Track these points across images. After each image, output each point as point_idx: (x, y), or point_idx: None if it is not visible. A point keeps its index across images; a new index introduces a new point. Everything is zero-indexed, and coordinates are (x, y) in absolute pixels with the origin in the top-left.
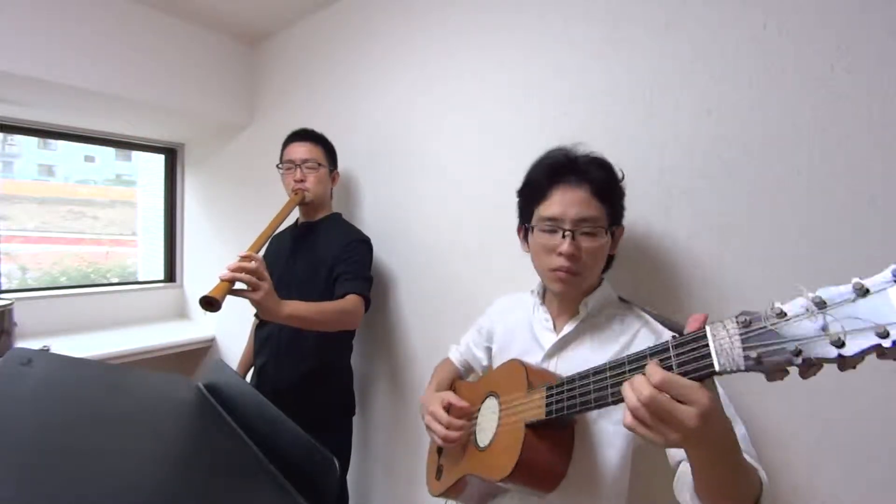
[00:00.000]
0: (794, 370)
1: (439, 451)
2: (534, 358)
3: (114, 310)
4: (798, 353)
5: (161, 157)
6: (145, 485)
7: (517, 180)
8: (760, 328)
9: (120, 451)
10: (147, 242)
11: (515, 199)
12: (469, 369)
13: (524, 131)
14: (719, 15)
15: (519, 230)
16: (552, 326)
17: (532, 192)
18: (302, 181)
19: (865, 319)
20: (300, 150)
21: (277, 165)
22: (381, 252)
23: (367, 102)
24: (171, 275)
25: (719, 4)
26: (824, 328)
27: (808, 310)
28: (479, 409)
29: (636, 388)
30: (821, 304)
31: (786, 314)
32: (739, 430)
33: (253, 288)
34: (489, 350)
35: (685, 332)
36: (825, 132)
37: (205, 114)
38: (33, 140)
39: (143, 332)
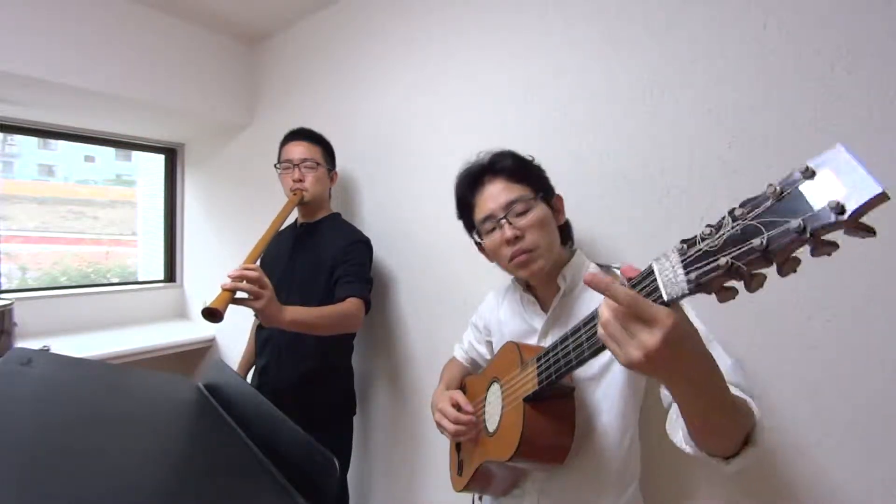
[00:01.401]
0: (738, 284)
1: (457, 447)
2: (531, 340)
3: (114, 310)
4: (730, 266)
5: (161, 157)
6: (145, 485)
7: None
8: (696, 251)
9: (120, 451)
10: (147, 242)
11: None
12: (477, 366)
13: (524, 131)
14: (719, 15)
15: (478, 247)
16: (540, 307)
17: (464, 206)
18: (300, 181)
19: (783, 217)
20: (298, 150)
21: (275, 165)
22: (381, 252)
23: (367, 102)
24: (171, 275)
25: (719, 4)
26: (750, 235)
27: (731, 221)
28: (485, 398)
29: (608, 304)
30: (742, 215)
31: (715, 232)
32: (726, 362)
33: (255, 296)
34: (490, 344)
35: (622, 277)
36: (825, 132)
37: (205, 114)
38: (33, 140)
39: (143, 332)
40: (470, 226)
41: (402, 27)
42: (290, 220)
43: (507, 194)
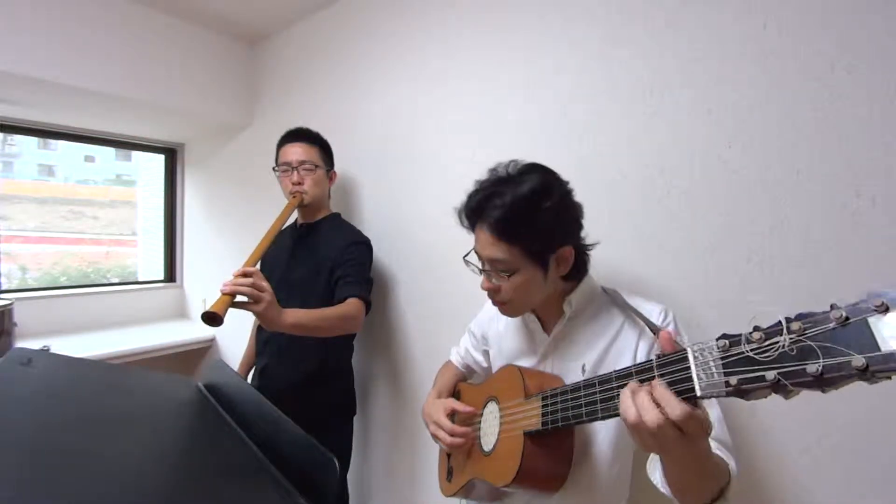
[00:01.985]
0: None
1: (448, 453)
2: (529, 360)
3: (114, 310)
4: (777, 381)
5: (161, 157)
6: (145, 485)
7: None
8: (739, 353)
9: (120, 452)
10: (147, 242)
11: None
12: (472, 371)
13: (524, 131)
14: (719, 15)
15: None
16: (541, 328)
17: (467, 226)
18: (299, 184)
19: (845, 348)
20: (296, 152)
21: (274, 168)
22: (381, 252)
23: (367, 102)
24: (171, 275)
25: (719, 4)
26: (804, 356)
27: (786, 336)
28: (481, 414)
29: (644, 409)
30: (799, 330)
31: (765, 340)
32: (714, 413)
33: (254, 300)
34: (487, 353)
35: (658, 345)
36: (825, 132)
37: (205, 114)
38: (33, 140)
39: (143, 332)
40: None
41: (402, 27)
42: (290, 221)
43: (491, 251)
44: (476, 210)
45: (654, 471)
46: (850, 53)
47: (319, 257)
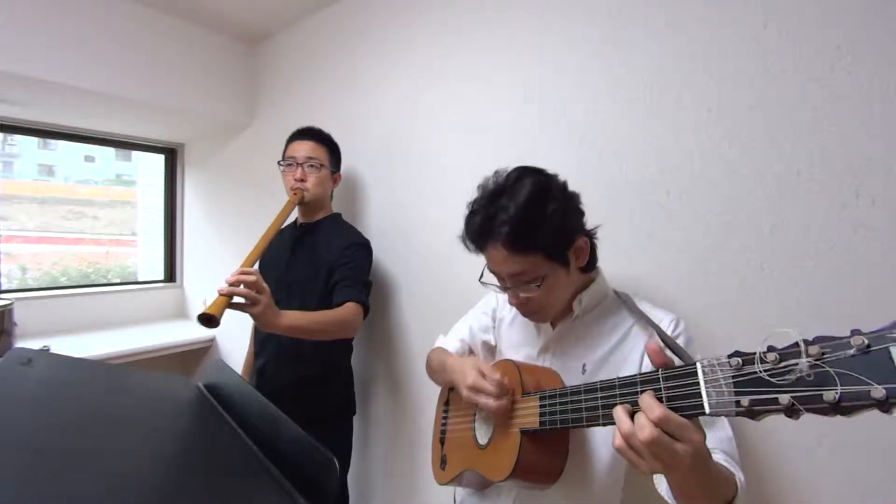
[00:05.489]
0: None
1: (441, 441)
2: (530, 350)
3: (114, 310)
4: (791, 406)
5: (161, 157)
6: (145, 485)
7: None
8: (752, 374)
9: (120, 451)
10: (147, 242)
11: None
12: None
13: (524, 131)
14: (719, 15)
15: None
16: (549, 322)
17: (473, 249)
18: (302, 180)
19: (864, 377)
20: (303, 148)
21: (279, 162)
22: (381, 252)
23: (367, 103)
24: (171, 275)
25: (719, 4)
26: (821, 382)
27: (805, 360)
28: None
29: (638, 423)
30: (817, 355)
31: (780, 361)
32: (725, 432)
33: (252, 302)
34: (495, 331)
35: (647, 355)
36: (825, 132)
37: (205, 114)
38: (33, 140)
39: (143, 332)
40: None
41: (402, 27)
42: (290, 220)
43: (509, 267)
44: (481, 232)
45: (661, 482)
46: (850, 53)
47: (318, 258)
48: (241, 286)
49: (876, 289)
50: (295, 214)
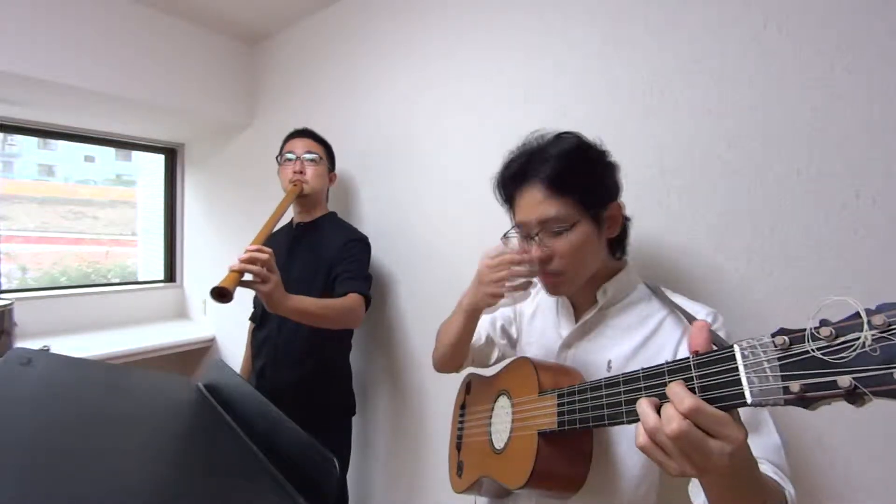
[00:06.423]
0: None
1: (458, 447)
2: (552, 345)
3: (114, 310)
4: (853, 389)
5: (161, 157)
6: (145, 485)
7: None
8: (803, 353)
9: (120, 452)
10: (147, 242)
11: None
12: (490, 342)
13: (524, 131)
14: (719, 15)
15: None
16: (572, 313)
17: (504, 198)
18: (301, 173)
19: None
20: (302, 144)
21: (277, 157)
22: (380, 252)
23: (367, 102)
24: (171, 275)
25: (719, 4)
26: (889, 359)
27: (867, 332)
28: (492, 409)
29: (665, 416)
30: (883, 326)
31: (836, 337)
32: (772, 439)
33: (262, 280)
34: (516, 323)
35: (691, 340)
36: (825, 132)
37: (205, 114)
38: (33, 140)
39: (143, 332)
40: (508, 210)
41: (402, 27)
42: (285, 221)
43: (543, 209)
44: (519, 173)
45: (698, 495)
46: (850, 53)
47: (318, 255)
48: (254, 264)
49: (876, 289)
50: (290, 215)
